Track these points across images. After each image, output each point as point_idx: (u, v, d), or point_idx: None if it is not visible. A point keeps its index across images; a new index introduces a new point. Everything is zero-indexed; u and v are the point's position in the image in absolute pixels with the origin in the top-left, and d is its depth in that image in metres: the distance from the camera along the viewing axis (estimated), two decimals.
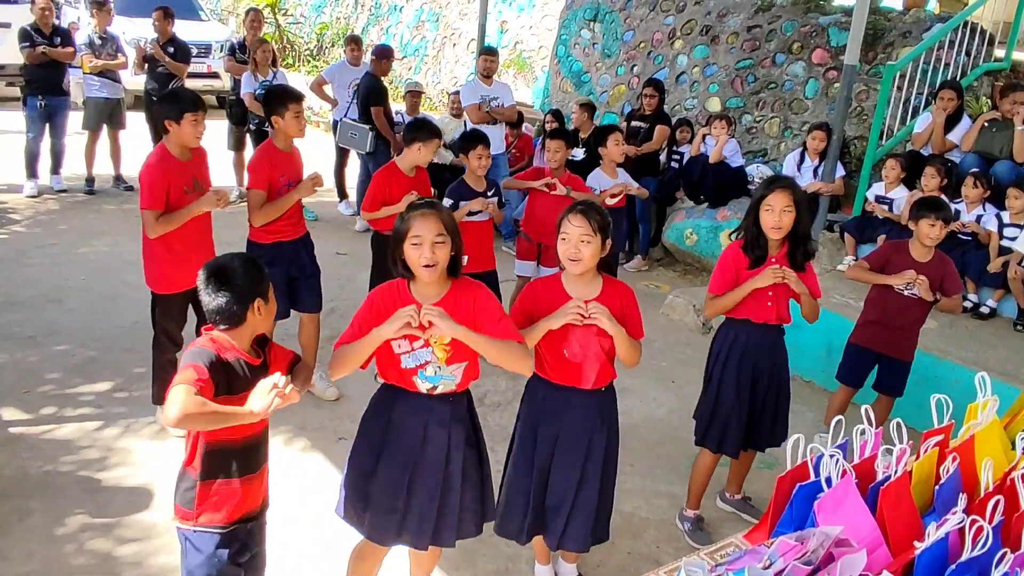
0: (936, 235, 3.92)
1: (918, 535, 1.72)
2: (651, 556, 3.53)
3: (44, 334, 5.09)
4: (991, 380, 2.24)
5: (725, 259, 3.40)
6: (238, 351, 2.31)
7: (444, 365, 2.58)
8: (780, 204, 3.19)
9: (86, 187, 8.16)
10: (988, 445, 2.09)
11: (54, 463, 3.82)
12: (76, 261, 6.38)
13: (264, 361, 2.39)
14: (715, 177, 7.20)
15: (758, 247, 3.30)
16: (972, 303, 5.48)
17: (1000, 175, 5.79)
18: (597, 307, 2.71)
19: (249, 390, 2.23)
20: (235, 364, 2.28)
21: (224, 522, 2.33)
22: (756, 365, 3.42)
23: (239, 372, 2.28)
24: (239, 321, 2.30)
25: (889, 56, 7.39)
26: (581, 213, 2.73)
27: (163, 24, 8.24)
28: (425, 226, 2.48)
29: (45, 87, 7.75)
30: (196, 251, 3.91)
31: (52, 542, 3.29)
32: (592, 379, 2.85)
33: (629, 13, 9.55)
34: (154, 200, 3.79)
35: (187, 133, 3.83)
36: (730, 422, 3.45)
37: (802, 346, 5.32)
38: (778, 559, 1.60)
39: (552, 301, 2.78)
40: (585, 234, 2.70)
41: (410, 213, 2.53)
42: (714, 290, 3.42)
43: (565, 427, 2.88)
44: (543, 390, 2.90)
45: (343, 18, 16.27)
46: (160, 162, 3.85)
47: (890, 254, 4.11)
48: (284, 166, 4.24)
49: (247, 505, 2.38)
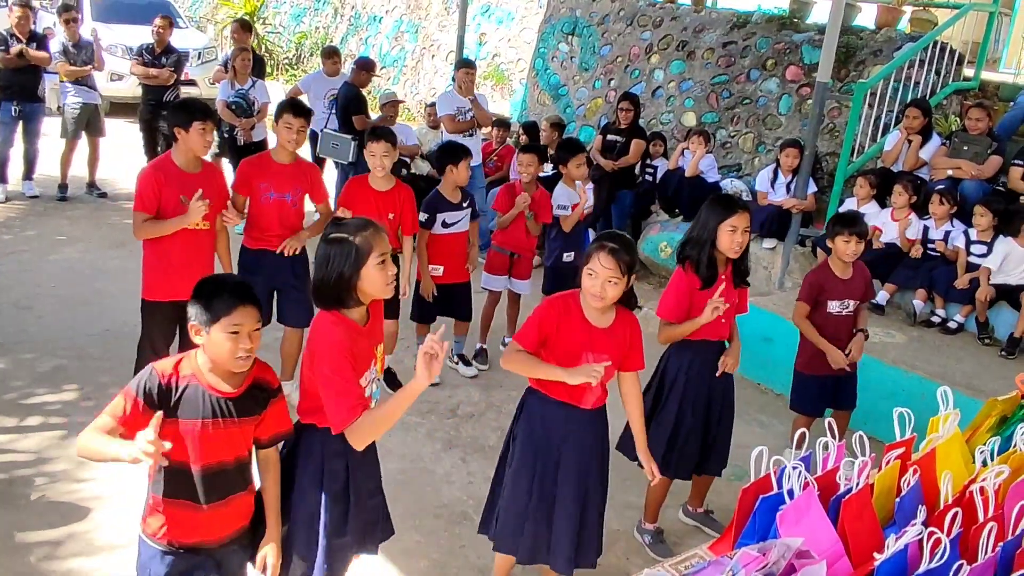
0: (853, 250, 3.96)
1: (879, 547, 1.74)
2: (621, 568, 3.53)
3: (12, 341, 5.01)
4: (956, 394, 2.28)
5: (677, 283, 3.37)
6: (202, 380, 2.22)
7: (380, 375, 2.63)
8: (743, 225, 3.23)
9: (59, 194, 8.06)
10: (949, 458, 2.13)
11: (17, 473, 3.77)
12: (46, 268, 6.30)
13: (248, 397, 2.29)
14: (690, 191, 7.26)
15: (711, 268, 3.31)
16: (940, 318, 5.55)
17: (967, 192, 5.89)
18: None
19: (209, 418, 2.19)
20: (189, 391, 2.20)
21: (162, 539, 2.28)
22: (710, 384, 3.44)
23: (195, 400, 2.20)
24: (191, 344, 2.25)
25: (861, 74, 7.50)
26: (612, 254, 2.67)
27: (164, 33, 8.21)
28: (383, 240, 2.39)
29: (20, 92, 7.67)
30: (189, 265, 3.85)
31: (15, 553, 3.25)
32: (592, 401, 2.87)
33: (607, 28, 9.63)
34: (141, 203, 3.84)
35: (195, 141, 3.84)
36: (685, 449, 3.44)
37: (774, 359, 5.38)
38: (740, 570, 1.62)
39: (571, 326, 2.77)
40: (613, 276, 2.68)
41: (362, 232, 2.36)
42: (667, 316, 3.39)
43: (568, 446, 2.87)
44: (542, 407, 2.87)
45: (322, 28, 16.25)
46: (157, 168, 3.90)
47: (819, 280, 4.08)
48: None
49: (200, 533, 2.30)
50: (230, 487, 2.33)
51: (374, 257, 2.34)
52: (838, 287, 4.03)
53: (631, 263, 2.70)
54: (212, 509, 2.29)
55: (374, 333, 2.53)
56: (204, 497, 2.26)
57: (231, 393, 2.26)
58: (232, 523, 2.38)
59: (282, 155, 4.33)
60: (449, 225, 4.89)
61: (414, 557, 3.45)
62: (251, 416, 2.32)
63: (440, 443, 4.40)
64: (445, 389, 5.01)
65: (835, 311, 4.04)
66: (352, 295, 2.37)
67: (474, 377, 5.13)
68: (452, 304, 5.06)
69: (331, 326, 2.38)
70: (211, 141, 3.92)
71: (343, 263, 2.33)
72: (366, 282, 2.36)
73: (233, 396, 2.26)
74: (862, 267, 4.13)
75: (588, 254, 2.74)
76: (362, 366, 2.41)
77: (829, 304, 4.04)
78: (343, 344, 2.34)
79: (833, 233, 4.00)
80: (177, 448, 2.21)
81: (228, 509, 2.34)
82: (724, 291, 3.33)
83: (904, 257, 5.77)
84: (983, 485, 1.91)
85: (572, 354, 2.77)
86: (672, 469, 3.48)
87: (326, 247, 2.38)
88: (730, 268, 3.39)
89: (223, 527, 2.36)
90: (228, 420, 2.25)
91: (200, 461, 2.24)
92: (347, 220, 2.47)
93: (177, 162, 3.90)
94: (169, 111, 3.97)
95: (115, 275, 6.12)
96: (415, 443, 4.37)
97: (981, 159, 5.96)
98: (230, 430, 2.27)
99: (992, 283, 5.27)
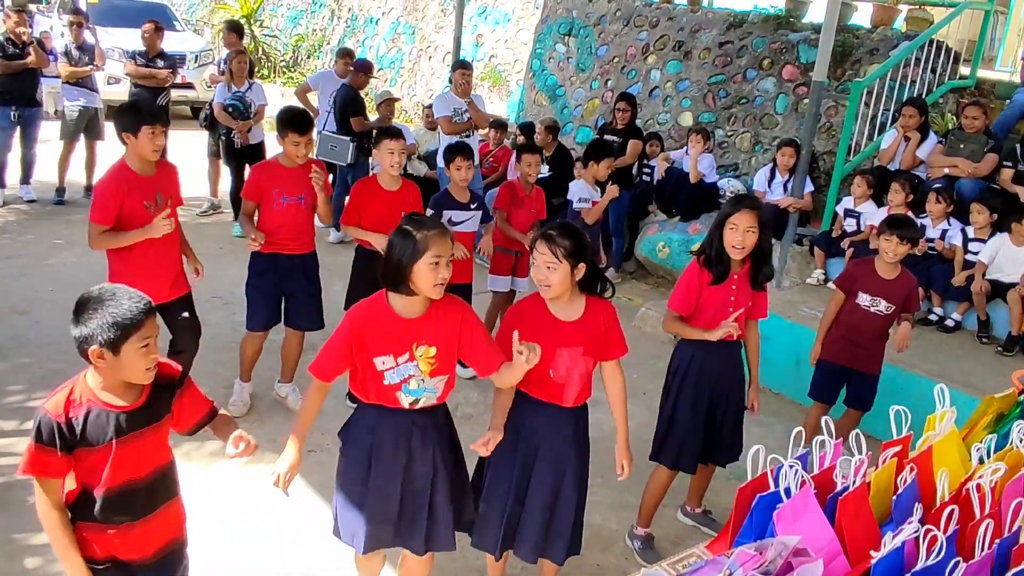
0: (894, 251, 3.99)
1: (876, 545, 1.74)
2: (620, 568, 3.54)
3: (9, 346, 5.02)
4: (953, 392, 2.28)
5: (688, 275, 3.40)
6: (98, 401, 2.13)
7: (428, 378, 2.61)
8: (744, 224, 3.19)
9: (56, 197, 8.07)
10: (946, 456, 2.13)
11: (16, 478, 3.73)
12: (44, 272, 6.29)
13: (153, 403, 2.22)
14: (688, 192, 7.27)
15: (720, 264, 3.31)
16: (937, 316, 5.56)
17: (964, 190, 5.89)
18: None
19: (119, 437, 2.13)
20: (92, 416, 2.12)
21: (91, 556, 2.20)
22: (715, 382, 3.44)
23: (100, 423, 2.12)
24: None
25: (857, 73, 7.51)
26: (546, 240, 2.71)
27: (153, 38, 8.21)
28: (443, 245, 2.50)
29: (18, 97, 7.68)
30: (157, 266, 3.82)
31: (12, 558, 3.25)
32: (573, 398, 2.87)
33: (603, 28, 9.63)
34: (101, 215, 3.69)
35: (144, 146, 3.71)
36: (687, 438, 3.45)
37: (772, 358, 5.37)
38: (737, 569, 1.62)
39: (537, 323, 2.77)
40: (550, 262, 2.69)
41: (425, 231, 2.50)
42: (674, 306, 3.42)
43: (545, 443, 2.87)
44: (523, 405, 2.87)
45: (319, 30, 16.27)
46: (114, 177, 3.75)
47: (856, 273, 4.19)
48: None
49: (129, 551, 2.23)
50: (157, 499, 2.27)
51: (428, 256, 2.48)
52: (874, 283, 4.09)
53: (571, 248, 2.69)
54: (140, 524, 2.22)
55: (421, 331, 2.59)
56: (132, 514, 2.20)
57: (132, 405, 2.17)
58: (164, 535, 2.32)
59: (142, 164, 4.00)
60: (456, 224, 4.88)
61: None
62: (161, 419, 2.25)
63: None
64: None
65: (864, 305, 4.10)
66: (405, 284, 2.52)
67: (472, 378, 5.13)
68: None
69: (363, 301, 2.64)
70: (161, 144, 3.77)
71: (403, 252, 2.49)
72: (417, 276, 2.50)
73: (135, 408, 2.17)
74: (910, 276, 4.13)
75: (531, 247, 2.80)
76: (382, 347, 2.56)
77: (860, 296, 4.12)
78: (357, 319, 2.58)
79: (880, 231, 4.07)
80: (94, 475, 2.14)
81: (158, 521, 2.28)
82: (737, 291, 3.34)
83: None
84: (980, 482, 1.91)
85: (546, 353, 2.75)
86: (671, 458, 3.49)
87: (395, 236, 2.56)
88: (747, 267, 3.36)
89: (155, 540, 2.29)
90: (138, 432, 2.17)
91: (120, 479, 2.16)
92: (421, 218, 2.61)
93: (133, 167, 3.77)
94: (116, 116, 3.80)
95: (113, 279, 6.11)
96: None
97: (977, 157, 5.97)
98: (143, 441, 2.20)
99: (987, 279, 5.28)
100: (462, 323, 2.65)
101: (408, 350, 2.58)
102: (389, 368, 2.57)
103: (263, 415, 4.55)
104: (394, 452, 2.65)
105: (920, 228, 4.22)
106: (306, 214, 4.38)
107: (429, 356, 2.59)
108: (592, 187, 5.62)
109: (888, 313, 4.10)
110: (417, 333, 2.59)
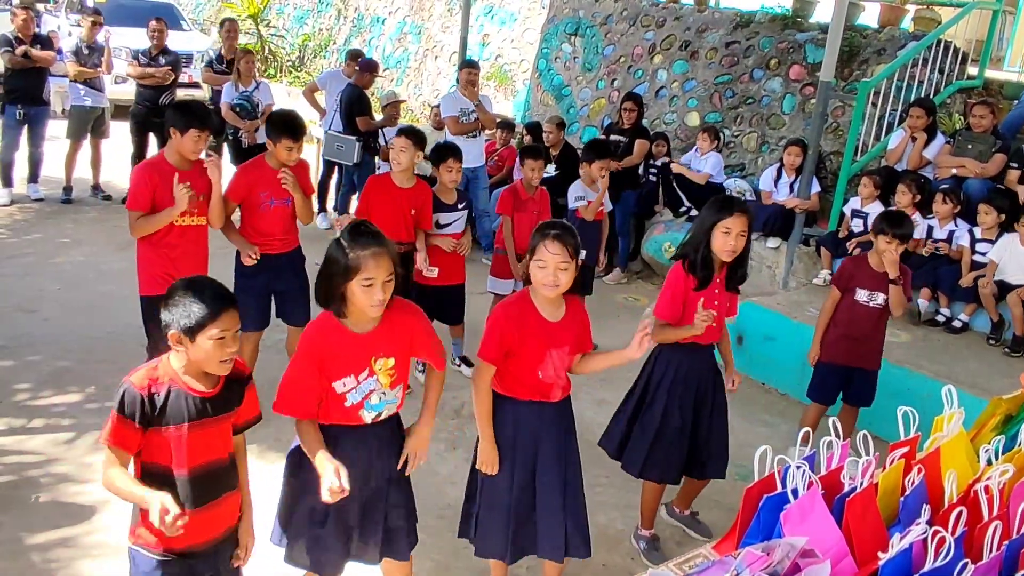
0: (896, 250, 3.97)
1: (883, 546, 1.73)
2: (626, 568, 3.53)
3: (17, 344, 5.03)
4: (961, 393, 2.27)
5: (673, 281, 3.33)
6: (179, 382, 2.22)
7: (388, 390, 2.56)
8: (738, 228, 3.16)
9: (63, 196, 8.09)
10: (953, 457, 2.12)
11: (24, 475, 3.78)
12: (51, 270, 6.32)
13: (226, 392, 2.31)
14: (695, 191, 7.25)
15: (706, 268, 3.26)
16: (945, 317, 5.54)
17: (971, 191, 5.87)
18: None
19: (194, 420, 2.20)
20: (172, 396, 2.21)
21: (157, 548, 2.27)
22: (699, 386, 3.40)
23: (178, 404, 2.21)
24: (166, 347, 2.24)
25: (864, 73, 7.49)
26: (558, 239, 2.65)
27: (160, 35, 8.24)
28: (378, 268, 2.37)
29: (25, 96, 7.71)
30: (185, 257, 3.99)
31: (20, 555, 3.26)
32: (560, 394, 2.88)
33: (610, 28, 9.62)
34: (135, 201, 3.91)
35: (187, 146, 3.91)
36: (672, 450, 3.38)
37: (778, 359, 5.37)
38: (744, 570, 1.62)
39: (530, 329, 2.75)
40: (563, 261, 2.66)
41: (359, 251, 2.37)
42: (661, 314, 3.35)
43: (544, 440, 2.86)
44: (515, 409, 2.85)
45: (325, 30, 16.28)
46: (151, 166, 3.97)
47: (852, 270, 4.19)
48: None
49: (192, 537, 2.27)
50: (220, 487, 2.33)
51: (360, 278, 2.37)
52: (871, 277, 4.09)
53: (577, 247, 2.70)
54: (203, 511, 2.28)
55: (377, 344, 2.51)
56: (194, 501, 2.25)
57: (209, 392, 2.26)
58: (224, 522, 2.38)
59: (276, 161, 4.26)
60: (443, 226, 4.88)
61: (417, 558, 3.44)
62: (230, 411, 2.33)
63: (444, 444, 4.41)
64: (449, 390, 4.98)
65: (863, 300, 4.11)
66: (338, 304, 2.44)
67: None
68: (444, 307, 5.04)
69: (313, 325, 2.51)
70: (202, 148, 3.98)
71: (334, 271, 2.40)
72: (351, 296, 2.41)
73: (211, 395, 2.26)
74: (904, 268, 4.11)
75: (532, 247, 2.70)
76: (341, 369, 2.46)
77: (858, 292, 4.12)
78: (314, 343, 2.46)
79: (877, 229, 4.04)
80: (164, 454, 2.20)
81: (219, 509, 2.34)
82: (719, 294, 3.32)
83: (909, 256, 5.75)
84: (988, 484, 1.90)
85: (536, 356, 2.75)
86: (658, 472, 3.44)
87: (330, 248, 2.44)
88: (725, 271, 3.33)
89: (215, 527, 2.35)
90: (210, 419, 2.26)
91: (188, 464, 2.23)
92: (364, 229, 2.44)
93: (170, 160, 3.95)
94: (170, 109, 4.02)
95: (120, 277, 6.12)
96: None
97: (985, 157, 5.94)
98: (213, 428, 2.27)
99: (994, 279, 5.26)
100: (414, 331, 2.60)
101: (367, 366, 2.49)
102: (351, 389, 2.48)
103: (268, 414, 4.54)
104: (356, 466, 2.51)
105: (912, 224, 4.19)
106: (292, 214, 4.38)
107: (388, 368, 2.52)
108: (589, 186, 5.53)
109: (885, 305, 4.11)
110: (374, 346, 2.50)
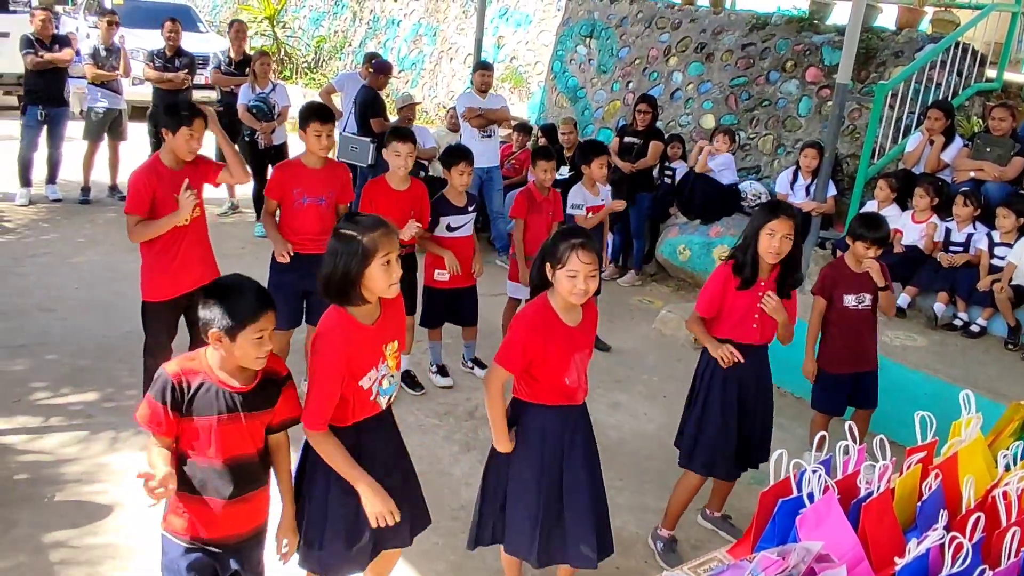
0: (865, 255, 3.99)
1: (900, 551, 1.72)
2: (640, 571, 3.52)
3: (35, 343, 5.08)
4: (978, 398, 2.26)
5: (716, 278, 3.42)
6: (212, 376, 2.27)
7: (395, 372, 2.60)
8: (783, 231, 3.23)
9: (81, 197, 8.17)
10: (971, 462, 2.11)
11: (41, 473, 3.81)
12: (69, 270, 6.37)
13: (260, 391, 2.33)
14: (705, 193, 7.24)
15: (750, 269, 3.32)
16: (963, 321, 5.50)
17: (990, 194, 5.82)
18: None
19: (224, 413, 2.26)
20: (203, 389, 2.25)
21: (185, 535, 2.32)
22: (741, 385, 3.43)
23: (208, 397, 2.25)
24: (201, 343, 2.30)
25: (881, 75, 7.44)
26: (589, 248, 2.64)
27: (175, 36, 8.30)
28: (392, 241, 2.41)
29: (45, 97, 7.80)
30: (188, 263, 3.94)
31: (38, 552, 3.28)
32: (582, 397, 2.90)
33: (625, 30, 9.61)
34: (134, 205, 3.86)
35: (180, 146, 3.88)
36: (718, 445, 3.43)
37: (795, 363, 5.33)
38: (760, 574, 1.61)
39: (552, 334, 2.74)
40: (594, 269, 2.66)
41: (371, 232, 2.37)
42: (700, 308, 3.45)
43: (573, 443, 2.87)
44: (542, 414, 2.84)
45: (340, 31, 16.34)
46: (148, 169, 3.92)
47: (833, 274, 4.15)
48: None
49: (220, 529, 2.32)
50: (251, 482, 2.36)
51: (379, 257, 2.37)
52: (853, 281, 4.07)
53: (600, 252, 2.73)
54: (233, 505, 2.32)
55: (385, 330, 2.54)
56: (225, 493, 2.30)
57: (243, 388, 2.29)
58: (252, 519, 2.42)
59: (312, 160, 4.34)
60: (454, 229, 4.88)
61: (432, 559, 3.46)
62: (264, 410, 2.35)
63: (458, 446, 4.41)
64: (463, 392, 5.03)
65: (851, 305, 4.08)
66: (357, 292, 2.40)
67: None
68: (457, 310, 5.06)
69: (332, 327, 2.42)
70: (197, 147, 3.93)
71: (349, 260, 2.36)
72: (370, 281, 2.39)
73: (245, 391, 2.30)
74: (881, 264, 4.11)
75: (559, 256, 2.65)
76: (365, 365, 2.46)
77: (845, 298, 4.09)
78: (340, 351, 2.39)
79: (855, 235, 4.02)
80: (197, 445, 2.25)
81: (249, 505, 2.37)
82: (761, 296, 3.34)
83: (926, 260, 5.71)
84: (1006, 489, 1.89)
85: (562, 363, 2.75)
86: (705, 468, 3.48)
87: (335, 243, 2.41)
88: (775, 274, 3.37)
89: (244, 523, 2.39)
90: (243, 415, 2.29)
91: (220, 456, 2.28)
92: (359, 217, 2.47)
93: (166, 162, 3.92)
94: (160, 112, 4.02)
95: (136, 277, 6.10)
96: (433, 445, 4.38)
97: (1004, 161, 5.89)
98: (244, 424, 2.30)
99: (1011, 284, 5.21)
100: (398, 305, 2.63)
101: (381, 354, 2.52)
102: (373, 381, 2.50)
103: None
104: (379, 466, 2.53)
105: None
106: (327, 215, 4.40)
107: (394, 351, 2.57)
108: (591, 188, 5.46)
109: (873, 304, 4.10)
110: (383, 333, 2.53)
